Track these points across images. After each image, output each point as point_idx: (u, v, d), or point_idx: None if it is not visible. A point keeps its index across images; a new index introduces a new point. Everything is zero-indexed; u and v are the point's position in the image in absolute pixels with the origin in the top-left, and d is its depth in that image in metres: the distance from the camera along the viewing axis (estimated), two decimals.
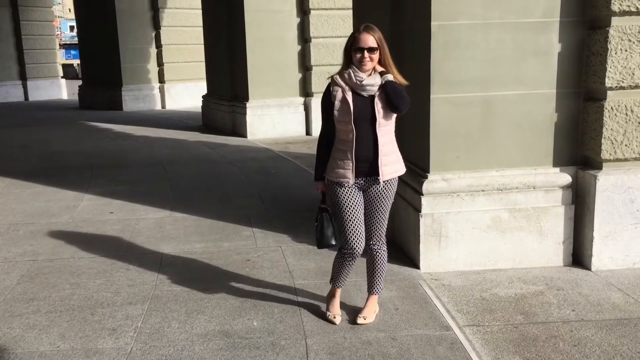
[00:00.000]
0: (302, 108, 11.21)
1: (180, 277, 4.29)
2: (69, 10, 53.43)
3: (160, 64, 17.19)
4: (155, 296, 3.95)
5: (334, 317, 3.52)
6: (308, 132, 11.12)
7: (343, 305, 3.69)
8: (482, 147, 4.28)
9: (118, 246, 5.02)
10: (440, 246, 4.27)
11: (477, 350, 3.20)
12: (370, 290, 3.58)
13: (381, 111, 3.22)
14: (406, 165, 4.69)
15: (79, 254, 4.83)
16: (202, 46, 13.52)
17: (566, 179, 4.30)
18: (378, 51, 3.19)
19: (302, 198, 6.42)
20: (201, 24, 13.59)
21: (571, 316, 3.58)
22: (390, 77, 3.22)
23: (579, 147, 4.34)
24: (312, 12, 10.92)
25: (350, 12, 6.78)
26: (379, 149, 3.25)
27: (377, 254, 3.48)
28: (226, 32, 11.68)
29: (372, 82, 3.21)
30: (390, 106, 3.22)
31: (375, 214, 3.40)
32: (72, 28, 43.79)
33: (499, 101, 4.23)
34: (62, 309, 3.79)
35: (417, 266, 4.33)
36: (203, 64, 13.67)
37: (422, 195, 4.25)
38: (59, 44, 28.04)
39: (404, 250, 4.63)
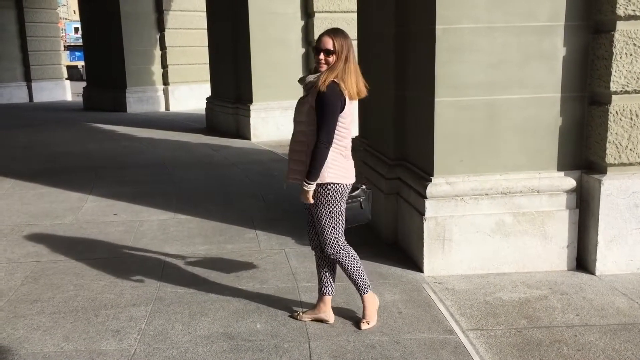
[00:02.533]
0: None
1: (184, 279, 4.30)
2: (74, 12, 53.61)
3: (164, 66, 17.22)
4: (159, 298, 3.95)
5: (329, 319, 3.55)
6: None
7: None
8: (486, 151, 4.28)
9: (122, 248, 5.03)
10: (444, 250, 4.27)
11: (480, 354, 3.19)
12: (359, 292, 3.57)
13: None
14: (410, 169, 4.72)
15: (83, 255, 4.84)
16: (207, 48, 13.55)
17: (570, 183, 4.29)
18: (334, 55, 3.15)
19: None
20: (205, 26, 13.62)
21: (575, 321, 3.57)
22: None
23: (583, 151, 4.34)
24: (317, 14, 10.94)
25: (354, 15, 6.78)
26: None
27: (335, 259, 3.49)
28: (230, 35, 11.70)
29: None
30: None
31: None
32: (76, 30, 43.91)
33: (503, 105, 4.23)
34: (66, 310, 3.80)
35: (420, 270, 4.33)
36: (207, 66, 13.70)
37: (426, 198, 4.25)
38: (64, 46, 28.12)
39: (407, 254, 4.63)
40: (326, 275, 3.55)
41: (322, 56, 3.15)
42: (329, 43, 3.15)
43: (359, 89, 3.24)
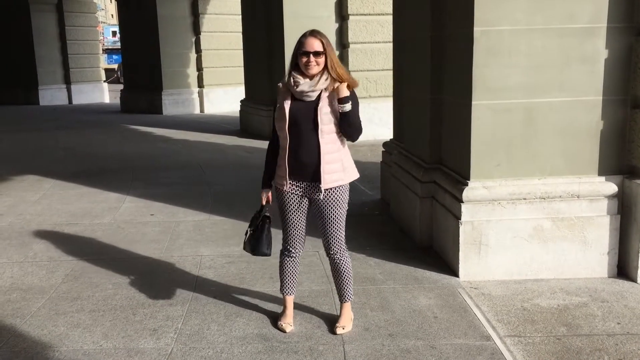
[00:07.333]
0: None
1: (219, 279, 4.34)
2: (112, 16, 54.75)
3: (199, 68, 17.45)
4: (195, 298, 4.00)
5: (283, 326, 3.52)
6: None
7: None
8: (524, 155, 4.21)
9: (159, 248, 5.11)
10: (480, 254, 4.22)
11: None
12: (342, 298, 3.57)
13: (324, 118, 3.20)
14: (446, 172, 4.67)
15: (121, 254, 4.94)
16: (241, 51, 13.67)
17: (612, 188, 4.19)
18: (324, 55, 3.19)
19: None
20: (240, 30, 13.75)
21: (616, 329, 3.49)
22: (348, 107, 3.17)
23: (625, 156, 4.23)
24: (351, 17, 10.93)
25: (389, 17, 6.77)
26: (321, 156, 3.23)
27: (340, 262, 3.47)
28: (265, 38, 11.79)
29: (308, 88, 3.20)
30: (344, 133, 3.27)
31: (325, 223, 3.39)
32: (114, 33, 44.79)
33: (542, 108, 4.16)
34: (105, 308, 3.88)
35: (456, 274, 4.28)
36: (242, 69, 13.81)
37: (462, 202, 4.21)
38: (102, 49, 28.73)
39: (443, 258, 4.59)
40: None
41: (311, 58, 3.18)
42: (317, 45, 3.19)
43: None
